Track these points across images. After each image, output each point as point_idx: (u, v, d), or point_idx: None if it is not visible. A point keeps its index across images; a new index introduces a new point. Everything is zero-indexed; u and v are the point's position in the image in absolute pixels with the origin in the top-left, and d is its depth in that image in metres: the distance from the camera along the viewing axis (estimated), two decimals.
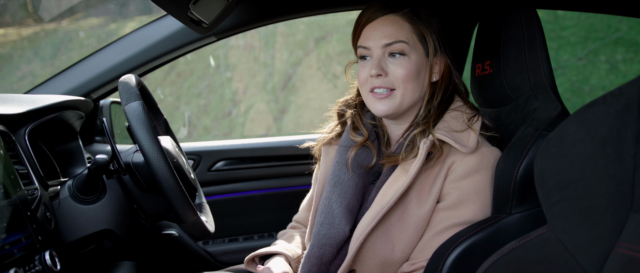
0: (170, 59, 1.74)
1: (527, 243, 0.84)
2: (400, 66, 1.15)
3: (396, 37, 1.15)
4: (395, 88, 1.16)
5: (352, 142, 1.25)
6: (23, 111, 1.23)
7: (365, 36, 1.18)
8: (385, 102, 1.17)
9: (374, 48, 1.17)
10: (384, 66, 1.16)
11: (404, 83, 1.15)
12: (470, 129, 1.15)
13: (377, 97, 1.17)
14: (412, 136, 1.17)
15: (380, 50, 1.16)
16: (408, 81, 1.16)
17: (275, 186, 2.07)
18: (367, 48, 1.18)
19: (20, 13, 6.00)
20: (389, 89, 1.16)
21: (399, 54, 1.16)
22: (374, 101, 1.18)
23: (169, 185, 1.08)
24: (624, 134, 0.76)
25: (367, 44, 1.18)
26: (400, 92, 1.16)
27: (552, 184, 0.81)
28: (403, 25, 1.16)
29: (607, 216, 0.77)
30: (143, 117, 1.09)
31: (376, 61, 1.16)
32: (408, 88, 1.16)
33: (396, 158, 1.17)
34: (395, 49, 1.15)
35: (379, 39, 1.16)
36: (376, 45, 1.17)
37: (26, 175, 1.15)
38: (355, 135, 1.25)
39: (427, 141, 1.13)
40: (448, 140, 1.12)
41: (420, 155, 1.12)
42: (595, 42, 5.17)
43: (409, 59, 1.16)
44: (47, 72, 5.71)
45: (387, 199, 1.12)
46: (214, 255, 2.01)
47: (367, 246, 1.15)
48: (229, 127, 5.71)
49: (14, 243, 0.97)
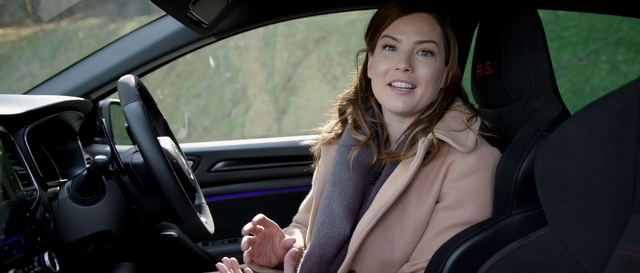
0: (170, 60, 1.74)
1: (528, 244, 0.83)
2: (428, 65, 1.15)
3: (429, 36, 1.15)
4: (417, 86, 1.16)
5: (352, 141, 1.25)
6: (22, 111, 1.23)
7: (397, 28, 1.16)
8: (404, 98, 1.16)
9: (405, 41, 1.16)
10: (412, 62, 1.15)
11: (427, 83, 1.16)
12: (469, 129, 1.15)
13: (396, 92, 1.16)
14: (414, 134, 1.17)
15: (411, 45, 1.15)
16: (430, 82, 1.16)
17: (275, 187, 2.07)
18: (397, 40, 1.16)
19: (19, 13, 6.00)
20: (411, 86, 1.16)
21: (430, 53, 1.16)
22: (392, 95, 1.17)
23: (168, 186, 1.08)
24: (625, 135, 0.76)
25: (398, 36, 1.16)
26: (420, 91, 1.16)
27: (553, 185, 0.81)
28: (436, 27, 1.17)
29: (608, 217, 0.77)
30: (142, 118, 1.09)
31: (406, 55, 1.15)
32: (428, 89, 1.16)
33: (398, 155, 1.17)
34: (426, 47, 1.15)
35: (413, 34, 1.15)
36: (408, 39, 1.15)
37: (25, 176, 1.15)
38: (357, 134, 1.25)
39: (426, 140, 1.13)
40: (447, 139, 1.12)
41: (418, 154, 1.12)
42: (596, 42, 5.17)
43: (435, 61, 1.16)
44: (46, 72, 5.71)
45: (387, 198, 1.12)
46: (214, 256, 2.00)
47: (367, 246, 1.15)
48: (229, 128, 5.71)
49: (13, 244, 0.97)
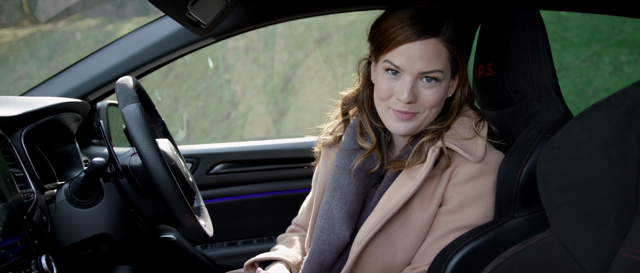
0: (169, 61, 1.73)
1: (530, 247, 0.83)
2: (433, 93, 1.10)
3: (435, 66, 1.09)
4: (420, 112, 1.12)
5: (353, 145, 1.23)
6: (19, 113, 1.22)
7: (400, 54, 1.09)
8: (406, 124, 1.12)
9: (409, 71, 1.09)
10: (415, 92, 1.10)
11: (430, 108, 1.12)
12: (478, 136, 1.13)
13: (398, 116, 1.12)
14: (421, 143, 1.15)
15: (415, 74, 1.09)
16: (434, 107, 1.12)
17: (274, 190, 2.06)
18: (400, 68, 1.10)
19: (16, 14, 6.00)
20: (413, 112, 1.12)
21: (434, 80, 1.10)
22: (394, 119, 1.13)
23: (166, 189, 1.07)
24: (628, 137, 0.75)
25: (402, 65, 1.09)
26: (423, 116, 1.13)
27: (556, 187, 0.80)
28: (442, 52, 1.10)
29: (611, 219, 0.76)
30: (141, 119, 1.09)
31: (409, 85, 1.09)
32: (431, 113, 1.13)
33: (402, 163, 1.15)
34: (431, 76, 1.10)
35: (416, 63, 1.08)
36: (412, 69, 1.09)
37: (22, 178, 1.15)
38: (363, 140, 1.22)
39: (436, 149, 1.11)
40: (457, 149, 1.10)
41: (428, 162, 1.10)
42: (599, 43, 5.17)
43: (440, 86, 1.11)
44: (43, 74, 5.70)
45: (392, 205, 1.11)
46: (213, 259, 1.99)
47: (369, 251, 1.14)
48: (228, 129, 5.71)
49: (10, 247, 0.97)
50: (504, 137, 1.19)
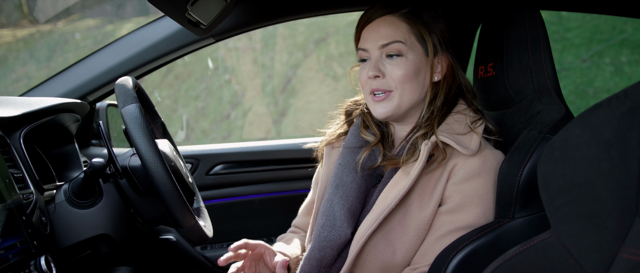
0: (168, 61, 1.73)
1: (530, 248, 0.83)
2: (397, 66, 1.15)
3: (392, 37, 1.15)
4: (393, 89, 1.16)
5: (357, 143, 1.24)
6: (18, 113, 1.22)
7: (364, 38, 1.19)
8: (383, 104, 1.17)
9: (372, 49, 1.17)
10: (381, 67, 1.16)
11: (402, 84, 1.15)
12: (473, 132, 1.14)
13: (376, 99, 1.17)
14: (414, 139, 1.16)
15: (377, 51, 1.17)
16: (406, 82, 1.15)
17: (274, 190, 2.06)
18: (365, 50, 1.19)
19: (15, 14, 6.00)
20: (386, 91, 1.16)
21: (396, 55, 1.16)
22: (374, 103, 1.18)
23: (166, 189, 1.07)
24: (629, 138, 0.75)
25: (365, 45, 1.18)
26: (398, 94, 1.16)
27: (556, 188, 0.80)
28: (400, 26, 1.16)
29: (611, 220, 0.76)
30: (140, 120, 1.08)
31: (374, 62, 1.17)
32: (406, 89, 1.16)
33: (397, 160, 1.16)
34: (392, 49, 1.15)
35: (375, 40, 1.16)
36: (373, 46, 1.17)
37: (21, 179, 1.14)
38: (367, 133, 1.25)
39: (429, 143, 1.12)
40: (450, 142, 1.11)
41: (421, 157, 1.11)
42: (600, 43, 5.16)
43: (406, 59, 1.15)
44: (42, 74, 5.70)
45: (388, 202, 1.11)
46: (212, 260, 1.99)
47: (368, 249, 1.14)
48: (228, 130, 5.70)
49: (9, 248, 0.96)
50: (500, 135, 1.19)
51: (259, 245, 1.23)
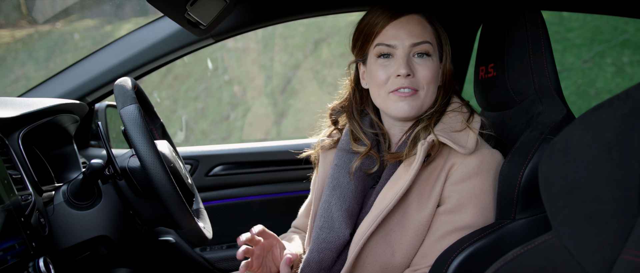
0: (167, 62, 1.73)
1: (531, 249, 0.82)
2: (426, 66, 1.14)
3: (423, 37, 1.13)
4: (419, 89, 1.14)
5: (351, 145, 1.24)
6: (16, 114, 1.22)
7: (389, 34, 1.14)
8: (409, 101, 1.14)
9: (400, 46, 1.13)
10: (411, 65, 1.13)
11: (428, 84, 1.14)
12: (469, 128, 1.14)
13: (401, 95, 1.14)
14: (416, 133, 1.16)
15: (407, 49, 1.13)
16: (431, 83, 1.15)
17: (274, 192, 2.06)
18: (391, 46, 1.14)
19: (14, 14, 6.00)
20: (413, 89, 1.14)
21: (426, 55, 1.14)
22: (397, 100, 1.14)
23: (165, 190, 1.07)
24: (631, 138, 0.75)
25: (392, 42, 1.14)
26: (423, 94, 1.15)
27: (557, 189, 0.79)
28: (427, 27, 1.15)
29: (613, 222, 0.76)
30: (139, 121, 1.08)
31: (404, 59, 1.13)
32: (430, 90, 1.15)
33: (400, 154, 1.15)
34: (422, 49, 1.14)
35: (406, 37, 1.13)
36: (403, 44, 1.13)
37: (20, 180, 1.14)
38: (358, 146, 1.22)
39: (425, 143, 1.11)
40: (446, 141, 1.11)
41: (418, 155, 1.10)
42: (601, 44, 5.16)
43: (432, 61, 1.15)
44: (41, 75, 5.70)
45: (387, 202, 1.11)
46: (212, 261, 1.99)
47: (367, 251, 1.13)
48: (227, 131, 5.70)
49: (8, 249, 0.96)
50: (493, 128, 1.19)
51: (273, 236, 1.22)
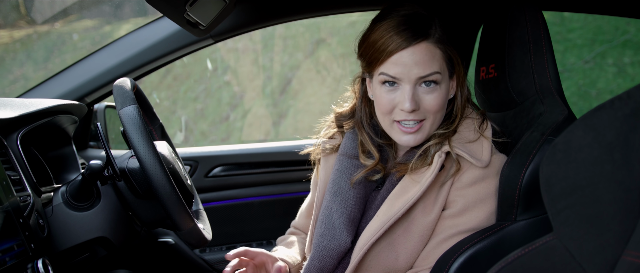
0: (167, 62, 1.72)
1: (532, 251, 0.82)
2: (434, 96, 1.08)
3: (431, 68, 1.07)
4: (425, 119, 1.10)
5: (354, 149, 1.22)
6: (15, 115, 1.21)
7: (394, 64, 1.07)
8: (414, 135, 1.10)
9: (407, 79, 1.07)
10: (417, 99, 1.08)
11: (435, 113, 1.10)
12: (483, 137, 1.12)
13: (405, 130, 1.10)
14: (427, 147, 1.12)
15: (413, 81, 1.07)
16: (438, 112, 1.10)
17: (274, 193, 2.05)
18: (396, 78, 1.08)
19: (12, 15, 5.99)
20: (418, 120, 1.10)
21: (434, 83, 1.08)
22: (401, 133, 1.11)
23: (165, 192, 1.06)
24: (632, 139, 0.74)
25: (398, 74, 1.07)
26: (429, 123, 1.11)
27: (558, 190, 0.79)
28: (436, 54, 1.07)
29: (614, 223, 0.75)
30: (138, 121, 1.08)
31: (409, 94, 1.07)
32: (437, 118, 1.11)
33: (406, 166, 1.13)
34: (430, 79, 1.08)
35: (412, 70, 1.06)
36: (410, 76, 1.07)
37: (18, 181, 1.14)
38: (365, 158, 1.19)
39: (443, 155, 1.09)
40: (464, 155, 1.09)
41: (434, 167, 1.08)
42: (603, 44, 5.15)
43: (440, 89, 1.09)
44: (40, 75, 5.69)
45: (395, 210, 1.09)
46: (212, 263, 1.98)
47: (371, 256, 1.12)
48: (227, 132, 5.69)
49: (6, 251, 0.96)
50: (506, 135, 1.18)
51: (260, 253, 1.20)
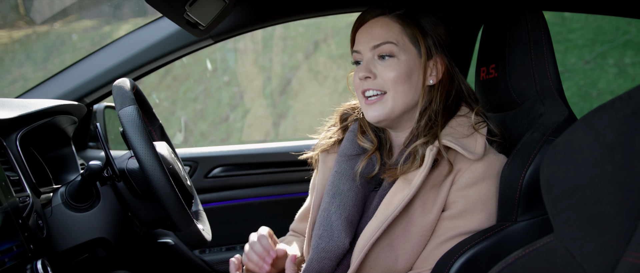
0: (166, 63, 1.72)
1: (533, 252, 0.82)
2: (389, 67, 1.14)
3: (384, 38, 1.14)
4: (386, 91, 1.15)
5: (353, 151, 1.22)
6: (14, 116, 1.21)
7: (357, 40, 1.19)
8: (376, 107, 1.15)
9: (364, 51, 1.17)
10: (372, 68, 1.15)
11: (394, 85, 1.13)
12: (477, 132, 1.12)
13: (368, 102, 1.16)
14: (413, 147, 1.13)
15: (369, 52, 1.16)
16: (398, 84, 1.13)
17: (273, 193, 2.05)
18: (358, 52, 1.18)
19: (11, 15, 5.99)
20: (379, 92, 1.15)
21: (388, 56, 1.14)
22: (366, 106, 1.17)
23: (164, 192, 1.06)
24: (633, 140, 0.74)
25: (358, 47, 1.18)
26: (391, 96, 1.14)
27: (559, 191, 0.79)
28: (393, 27, 1.15)
29: (615, 224, 0.75)
30: (138, 122, 1.08)
31: (365, 63, 1.16)
32: (399, 91, 1.14)
33: (394, 171, 1.13)
34: (383, 50, 1.14)
35: (367, 41, 1.16)
36: (365, 48, 1.16)
37: (17, 182, 1.13)
38: (363, 140, 1.23)
39: (433, 149, 1.09)
40: (455, 147, 1.09)
41: (425, 164, 1.08)
42: (604, 45, 5.15)
43: (398, 61, 1.14)
44: (39, 76, 5.69)
45: (392, 209, 1.09)
46: (211, 264, 1.98)
47: (371, 257, 1.12)
48: (227, 132, 5.69)
49: (5, 252, 0.96)
50: (505, 137, 1.18)
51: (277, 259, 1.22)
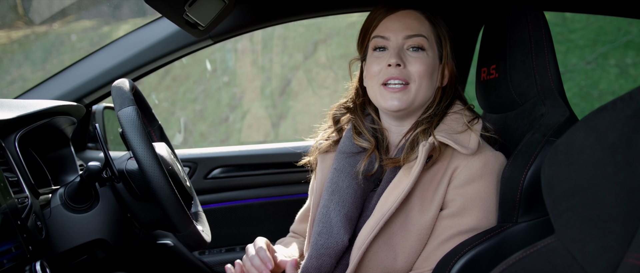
0: (165, 63, 1.72)
1: (534, 253, 0.82)
2: (420, 60, 1.14)
3: (418, 30, 1.15)
4: (410, 82, 1.15)
5: (352, 148, 1.22)
6: (13, 116, 1.21)
7: (385, 27, 1.17)
8: (399, 95, 1.14)
9: (394, 38, 1.15)
10: (403, 57, 1.14)
11: (420, 78, 1.14)
12: (470, 130, 1.13)
13: (390, 90, 1.14)
14: (414, 136, 1.15)
15: (400, 41, 1.15)
16: (423, 78, 1.15)
17: (273, 194, 2.05)
18: (385, 38, 1.16)
19: (10, 15, 5.99)
20: (404, 82, 1.14)
21: (420, 49, 1.15)
22: (387, 95, 1.15)
23: (164, 193, 1.06)
24: (635, 141, 0.74)
25: (387, 34, 1.16)
26: (415, 87, 1.15)
27: (560, 192, 0.79)
28: (424, 22, 1.17)
29: (616, 225, 0.75)
30: (137, 123, 1.08)
31: (396, 50, 1.14)
32: (423, 84, 1.15)
33: (398, 159, 1.14)
34: (416, 42, 1.15)
35: (401, 29, 1.15)
36: (397, 36, 1.15)
37: (16, 183, 1.13)
38: (360, 139, 1.22)
39: (427, 144, 1.11)
40: (448, 141, 1.10)
41: (420, 158, 1.09)
42: (605, 45, 5.15)
43: (427, 56, 1.15)
44: (38, 76, 5.69)
45: (389, 205, 1.10)
46: (211, 265, 1.98)
47: (369, 256, 1.12)
48: (226, 133, 5.69)
49: (4, 253, 0.96)
50: (499, 133, 1.19)
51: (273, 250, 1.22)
